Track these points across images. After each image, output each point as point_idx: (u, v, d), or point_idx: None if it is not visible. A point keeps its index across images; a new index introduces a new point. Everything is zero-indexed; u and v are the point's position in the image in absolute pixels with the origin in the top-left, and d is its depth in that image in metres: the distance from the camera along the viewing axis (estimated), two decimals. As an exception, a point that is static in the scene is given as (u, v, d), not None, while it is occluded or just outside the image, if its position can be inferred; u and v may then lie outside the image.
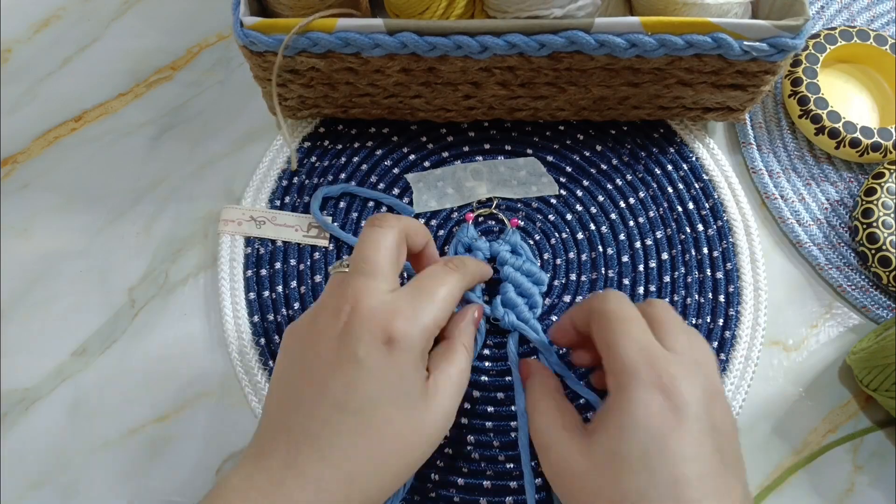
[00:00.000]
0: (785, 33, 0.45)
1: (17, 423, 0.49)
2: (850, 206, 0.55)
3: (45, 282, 0.53)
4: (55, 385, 0.50)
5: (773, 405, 0.50)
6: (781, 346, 0.51)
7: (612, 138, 0.56)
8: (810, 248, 0.53)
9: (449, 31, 0.45)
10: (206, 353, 0.51)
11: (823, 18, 0.61)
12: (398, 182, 0.55)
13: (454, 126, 0.56)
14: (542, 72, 0.48)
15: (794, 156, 0.56)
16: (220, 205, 0.55)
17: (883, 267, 0.51)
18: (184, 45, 0.61)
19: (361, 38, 0.45)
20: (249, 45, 0.46)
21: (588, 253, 0.53)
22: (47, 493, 0.47)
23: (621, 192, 0.54)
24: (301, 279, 0.52)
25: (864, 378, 0.48)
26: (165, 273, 0.53)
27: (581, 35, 0.45)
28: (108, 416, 0.49)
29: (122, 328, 0.51)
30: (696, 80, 0.49)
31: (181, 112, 0.58)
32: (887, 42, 0.57)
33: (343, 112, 0.54)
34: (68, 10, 0.62)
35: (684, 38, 0.45)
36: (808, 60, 0.56)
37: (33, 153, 0.57)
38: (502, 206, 0.54)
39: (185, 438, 0.48)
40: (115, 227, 0.54)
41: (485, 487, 0.47)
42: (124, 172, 0.56)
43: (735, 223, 0.53)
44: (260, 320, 0.51)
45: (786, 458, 0.48)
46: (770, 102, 0.58)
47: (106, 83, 0.59)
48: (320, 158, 0.55)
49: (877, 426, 0.49)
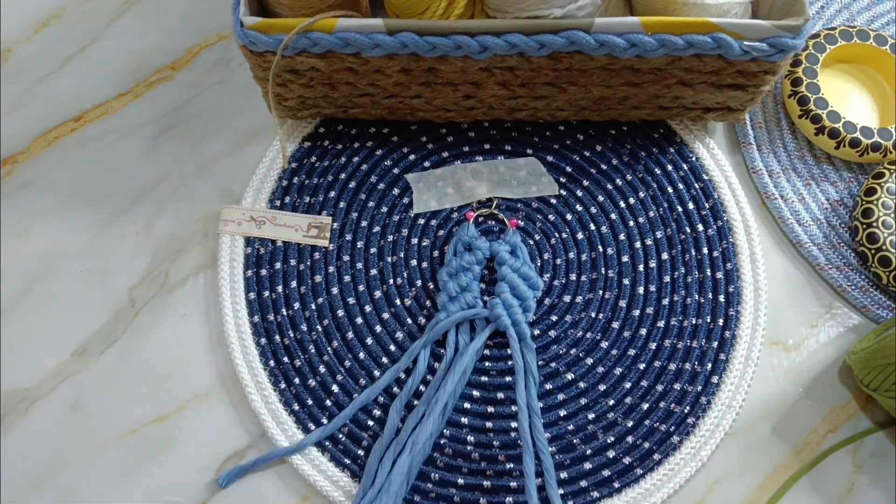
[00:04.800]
0: (785, 33, 0.45)
1: (17, 423, 0.49)
2: (850, 206, 0.55)
3: (45, 282, 0.53)
4: (55, 385, 0.50)
5: (773, 405, 0.50)
6: (781, 346, 0.51)
7: (612, 138, 0.56)
8: (810, 248, 0.53)
9: (449, 31, 0.45)
10: (206, 353, 0.51)
11: (823, 18, 0.61)
12: (398, 182, 0.55)
13: (454, 126, 0.56)
14: (542, 72, 0.48)
15: (794, 156, 0.56)
16: (220, 205, 0.55)
17: (883, 267, 0.51)
18: (184, 45, 0.60)
19: (361, 38, 0.45)
20: (249, 45, 0.46)
21: (588, 253, 0.53)
22: (47, 492, 0.47)
23: (621, 192, 0.54)
24: (301, 279, 0.52)
25: (864, 378, 0.48)
26: (165, 273, 0.53)
27: (581, 35, 0.45)
28: (108, 416, 0.49)
29: (122, 328, 0.51)
30: (696, 80, 0.49)
31: (181, 112, 0.58)
32: (887, 42, 0.57)
33: (343, 112, 0.54)
34: (68, 10, 0.62)
35: (684, 38, 0.45)
36: (808, 60, 0.56)
37: (33, 153, 0.57)
38: (502, 206, 0.54)
39: (185, 438, 0.48)
40: (115, 227, 0.54)
41: (485, 487, 0.47)
42: (124, 172, 0.56)
43: (735, 223, 0.53)
44: (260, 320, 0.51)
45: (786, 458, 0.48)
46: (770, 102, 0.58)
47: (106, 83, 0.59)
48: (320, 158, 0.55)
49: (876, 427, 0.49)
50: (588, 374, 0.50)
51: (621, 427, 0.48)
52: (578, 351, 0.50)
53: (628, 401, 0.49)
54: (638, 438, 0.48)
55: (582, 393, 0.49)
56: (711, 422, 0.48)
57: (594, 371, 0.50)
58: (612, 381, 0.49)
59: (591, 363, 0.50)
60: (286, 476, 0.48)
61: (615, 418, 0.48)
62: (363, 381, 0.49)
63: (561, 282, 0.52)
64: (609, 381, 0.49)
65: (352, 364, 0.50)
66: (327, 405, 0.49)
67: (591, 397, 0.49)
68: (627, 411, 0.49)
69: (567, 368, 0.50)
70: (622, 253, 0.53)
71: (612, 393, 0.49)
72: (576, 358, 0.50)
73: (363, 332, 0.51)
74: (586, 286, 0.52)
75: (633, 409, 0.49)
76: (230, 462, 0.48)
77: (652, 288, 0.52)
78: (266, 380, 0.49)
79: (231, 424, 0.49)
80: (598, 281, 0.52)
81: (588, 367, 0.50)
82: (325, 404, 0.49)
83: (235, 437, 0.49)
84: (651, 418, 0.48)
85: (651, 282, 0.52)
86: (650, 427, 0.48)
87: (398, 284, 0.52)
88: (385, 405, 0.49)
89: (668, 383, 0.49)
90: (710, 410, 0.49)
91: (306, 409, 0.49)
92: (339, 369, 0.50)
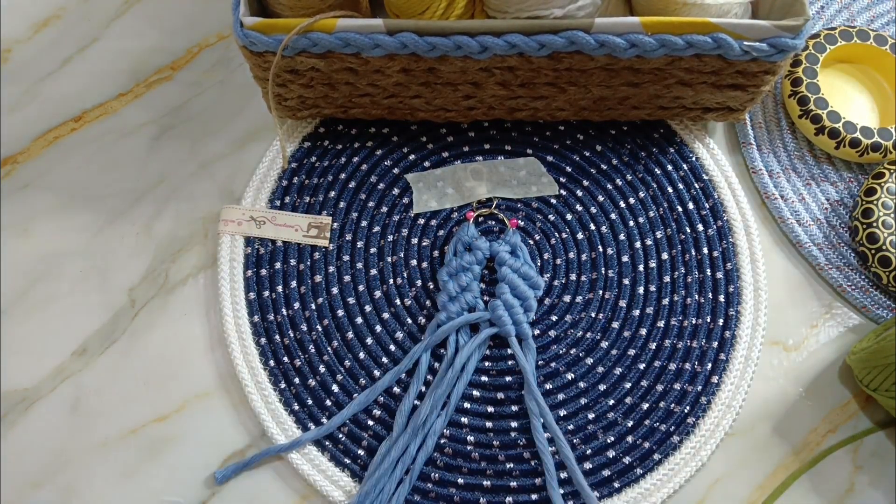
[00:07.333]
0: (785, 33, 0.45)
1: (17, 423, 0.49)
2: (850, 206, 0.55)
3: (45, 282, 0.53)
4: (55, 385, 0.50)
5: (773, 405, 0.50)
6: (781, 346, 0.51)
7: (612, 138, 0.56)
8: (810, 248, 0.53)
9: (449, 31, 0.45)
10: (206, 353, 0.51)
11: (823, 18, 0.61)
12: (398, 182, 0.55)
13: (454, 126, 0.56)
14: (542, 72, 0.48)
15: (794, 156, 0.56)
16: (220, 205, 0.55)
17: (883, 267, 0.51)
18: (184, 45, 0.60)
19: (361, 39, 0.45)
20: (249, 46, 0.46)
21: (588, 253, 0.53)
22: (47, 492, 0.47)
23: (621, 192, 0.54)
24: (301, 279, 0.52)
25: (864, 378, 0.48)
26: (165, 273, 0.53)
27: (581, 35, 0.45)
28: (108, 416, 0.49)
29: (122, 328, 0.51)
30: (696, 81, 0.49)
31: (181, 112, 0.58)
32: (887, 42, 0.57)
33: (343, 112, 0.54)
34: (68, 10, 0.62)
35: (684, 38, 0.45)
36: (808, 60, 0.56)
37: (33, 153, 0.57)
38: (502, 206, 0.54)
39: (185, 438, 0.48)
40: (115, 227, 0.54)
41: (485, 487, 0.47)
42: (124, 172, 0.56)
43: (735, 223, 0.53)
44: (260, 320, 0.51)
45: (786, 458, 0.48)
46: (770, 102, 0.58)
47: (106, 83, 0.59)
48: (320, 158, 0.55)
49: (876, 427, 0.49)
50: (588, 374, 0.50)
51: (621, 427, 0.48)
52: (578, 351, 0.50)
53: (628, 401, 0.49)
54: (638, 438, 0.48)
55: (582, 393, 0.49)
56: (711, 422, 0.48)
57: (594, 371, 0.50)
58: (612, 381, 0.49)
59: (591, 363, 0.50)
60: (286, 475, 0.48)
61: (615, 418, 0.48)
62: (363, 381, 0.49)
63: (561, 282, 0.52)
64: (609, 381, 0.49)
65: (352, 364, 0.50)
66: (327, 405, 0.49)
67: (591, 397, 0.49)
68: (627, 411, 0.49)
69: (567, 368, 0.50)
70: (622, 253, 0.53)
71: (612, 393, 0.49)
72: (576, 358, 0.50)
73: (363, 331, 0.51)
74: (586, 286, 0.52)
75: (633, 409, 0.49)
76: (230, 462, 0.48)
77: (652, 288, 0.52)
78: (266, 379, 0.49)
79: (231, 424, 0.49)
80: (598, 281, 0.52)
81: (588, 367, 0.50)
82: (325, 404, 0.49)
83: (235, 436, 0.49)
84: (651, 418, 0.48)
85: (651, 282, 0.52)
86: (650, 427, 0.48)
87: (398, 284, 0.52)
88: (385, 405, 0.49)
89: (668, 383, 0.49)
90: (710, 410, 0.49)
91: (306, 408, 0.49)
92: (339, 369, 0.50)
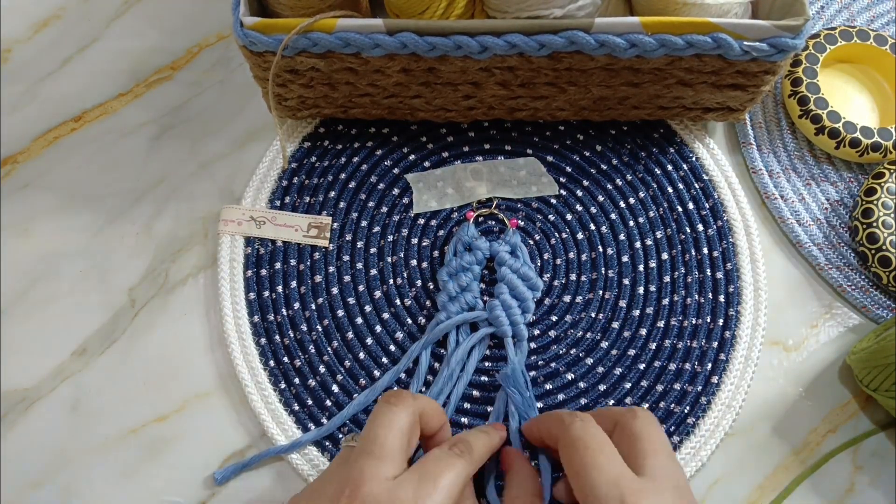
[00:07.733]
0: (785, 33, 0.45)
1: (17, 423, 0.49)
2: (850, 206, 0.55)
3: (45, 282, 0.53)
4: (55, 385, 0.50)
5: (773, 405, 0.50)
6: (781, 346, 0.51)
7: (612, 138, 0.56)
8: (810, 248, 0.53)
9: (449, 31, 0.45)
10: (206, 353, 0.51)
11: (823, 18, 0.61)
12: (398, 182, 0.55)
13: (454, 126, 0.56)
14: (542, 72, 0.48)
15: (794, 156, 0.56)
16: (220, 205, 0.55)
17: (883, 267, 0.51)
18: (184, 45, 0.60)
19: (361, 39, 0.45)
20: (249, 45, 0.46)
21: (588, 253, 0.53)
22: (47, 493, 0.47)
23: (621, 192, 0.54)
24: (301, 279, 0.52)
25: (864, 378, 0.48)
26: (165, 273, 0.53)
27: (581, 35, 0.45)
28: (108, 416, 0.49)
29: (122, 328, 0.51)
30: (696, 81, 0.49)
31: (181, 112, 0.58)
32: (887, 42, 0.57)
33: (343, 112, 0.54)
34: (68, 10, 0.62)
35: (684, 38, 0.45)
36: (808, 60, 0.56)
37: (33, 153, 0.57)
38: (502, 206, 0.54)
39: (185, 438, 0.48)
40: (115, 227, 0.54)
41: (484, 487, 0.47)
42: (124, 172, 0.56)
43: (735, 223, 0.53)
44: (260, 320, 0.51)
45: (786, 459, 0.48)
46: (770, 102, 0.58)
47: (106, 83, 0.59)
48: (320, 158, 0.55)
49: (876, 427, 0.49)
50: (588, 374, 0.50)
51: (621, 427, 0.48)
52: (578, 351, 0.50)
53: (628, 401, 0.49)
54: (638, 438, 0.48)
55: (582, 393, 0.49)
56: (711, 422, 0.48)
57: (594, 371, 0.50)
58: (612, 381, 0.49)
59: (591, 363, 0.50)
60: (286, 476, 0.48)
61: (615, 418, 0.48)
62: (363, 381, 0.49)
63: (561, 282, 0.52)
64: (609, 381, 0.49)
65: (352, 364, 0.50)
66: (327, 405, 0.49)
67: (591, 397, 0.49)
68: (627, 411, 0.49)
69: (567, 368, 0.50)
70: (622, 253, 0.53)
71: (612, 393, 0.49)
72: (576, 358, 0.50)
73: (363, 332, 0.51)
74: (586, 286, 0.52)
75: (633, 409, 0.49)
76: (230, 462, 0.48)
77: (652, 288, 0.52)
78: (266, 380, 0.49)
79: (231, 424, 0.49)
80: (598, 281, 0.52)
81: (588, 367, 0.50)
82: (325, 404, 0.49)
83: (235, 437, 0.49)
84: (651, 418, 0.48)
85: (651, 282, 0.52)
86: (650, 427, 0.48)
87: (398, 284, 0.52)
88: (385, 405, 0.49)
89: (668, 383, 0.49)
90: (710, 410, 0.49)
91: (306, 409, 0.49)
92: (339, 369, 0.50)
